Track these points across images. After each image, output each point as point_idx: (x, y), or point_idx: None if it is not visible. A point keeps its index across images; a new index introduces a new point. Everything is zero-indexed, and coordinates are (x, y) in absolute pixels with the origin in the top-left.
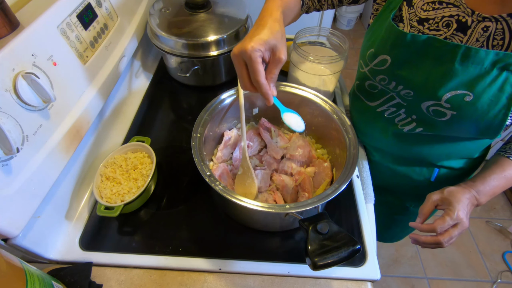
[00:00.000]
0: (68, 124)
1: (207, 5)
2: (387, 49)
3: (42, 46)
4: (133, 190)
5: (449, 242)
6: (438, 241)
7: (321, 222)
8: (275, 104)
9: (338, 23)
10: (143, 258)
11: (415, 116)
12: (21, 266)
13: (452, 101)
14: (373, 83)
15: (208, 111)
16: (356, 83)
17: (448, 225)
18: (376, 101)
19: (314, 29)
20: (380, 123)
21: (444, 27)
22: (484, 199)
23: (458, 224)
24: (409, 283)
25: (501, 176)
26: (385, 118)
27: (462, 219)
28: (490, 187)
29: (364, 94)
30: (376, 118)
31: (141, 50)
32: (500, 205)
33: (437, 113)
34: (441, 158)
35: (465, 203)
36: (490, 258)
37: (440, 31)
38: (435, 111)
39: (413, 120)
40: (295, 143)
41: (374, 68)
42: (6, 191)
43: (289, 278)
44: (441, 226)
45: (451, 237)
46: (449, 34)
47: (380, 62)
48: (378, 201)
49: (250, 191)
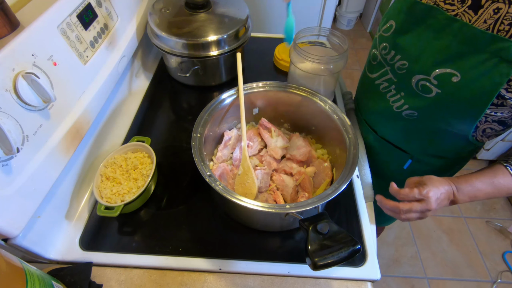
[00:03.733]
0: (68, 124)
1: (207, 5)
2: (395, 14)
3: (42, 46)
4: (133, 190)
5: (406, 214)
6: (396, 208)
7: (321, 222)
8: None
9: (338, 23)
10: (143, 258)
11: (403, 93)
12: (21, 266)
13: (440, 78)
14: (376, 53)
15: (208, 111)
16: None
17: (413, 196)
18: (374, 73)
19: (314, 29)
20: (376, 96)
21: (459, 3)
22: (462, 198)
23: (423, 201)
24: (409, 283)
25: (488, 181)
26: (380, 93)
27: (429, 198)
28: (473, 189)
29: (368, 65)
30: (373, 90)
31: (141, 50)
32: (500, 205)
33: (424, 89)
34: (416, 151)
35: (440, 190)
36: (490, 258)
37: (454, 6)
38: (423, 86)
39: (402, 97)
40: (295, 143)
41: (381, 34)
42: (6, 191)
43: (289, 278)
44: (406, 194)
45: (411, 210)
46: (460, 11)
47: (387, 28)
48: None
49: (250, 191)
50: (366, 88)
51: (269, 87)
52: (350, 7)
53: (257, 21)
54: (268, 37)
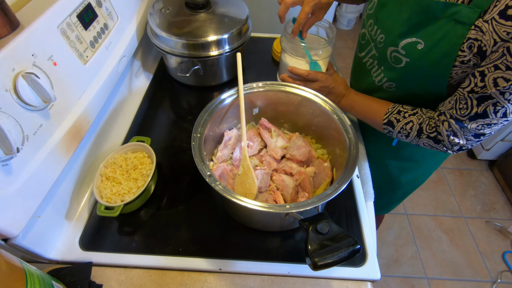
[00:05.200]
0: (68, 124)
1: (207, 5)
2: None
3: (42, 46)
4: (133, 190)
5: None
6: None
7: (321, 222)
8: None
9: (338, 23)
10: (143, 258)
11: (383, 67)
12: (21, 266)
13: (407, 48)
14: (364, 32)
15: (208, 111)
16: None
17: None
18: (363, 52)
19: None
20: (363, 74)
21: None
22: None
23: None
24: (409, 283)
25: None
26: (367, 69)
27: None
28: (355, 101)
29: (358, 45)
30: (361, 69)
31: (141, 50)
32: (500, 205)
33: (396, 60)
34: None
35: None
36: (490, 258)
37: None
38: (395, 58)
39: (382, 71)
40: (295, 143)
41: (368, 13)
42: (6, 191)
43: (289, 278)
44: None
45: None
46: None
47: (372, 5)
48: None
49: (250, 191)
50: (356, 68)
51: (269, 87)
52: (350, 7)
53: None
54: (268, 37)
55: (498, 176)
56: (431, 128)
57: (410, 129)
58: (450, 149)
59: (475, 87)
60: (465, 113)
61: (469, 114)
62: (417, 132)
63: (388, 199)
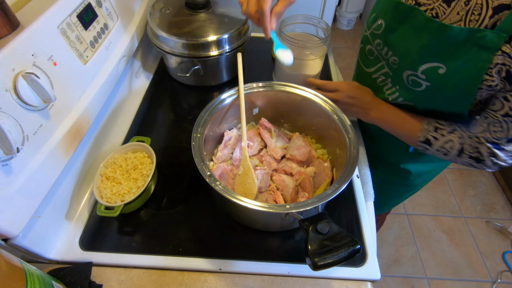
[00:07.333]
0: (68, 124)
1: (207, 5)
2: (383, 13)
3: (42, 46)
4: (133, 190)
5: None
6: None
7: (321, 222)
8: (271, 38)
9: (338, 23)
10: (143, 258)
11: (398, 86)
12: (21, 266)
13: (427, 73)
14: (372, 48)
15: (208, 111)
16: (360, 46)
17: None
18: (371, 67)
19: (298, 17)
20: (373, 89)
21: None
22: (374, 114)
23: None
24: (409, 283)
25: (403, 115)
26: (377, 85)
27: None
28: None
29: (363, 59)
30: (370, 83)
31: (141, 50)
32: (500, 205)
33: (414, 83)
34: None
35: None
36: (490, 258)
37: (430, 0)
38: (413, 81)
39: (397, 90)
40: (295, 143)
41: (373, 32)
42: (6, 191)
43: (289, 278)
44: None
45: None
46: (436, 5)
47: (378, 26)
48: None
49: (250, 191)
50: (363, 81)
51: (269, 87)
52: (350, 7)
53: None
54: None
55: (498, 176)
56: (472, 148)
57: (451, 148)
58: (491, 168)
59: (510, 111)
60: (502, 136)
61: (507, 137)
62: (458, 151)
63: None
